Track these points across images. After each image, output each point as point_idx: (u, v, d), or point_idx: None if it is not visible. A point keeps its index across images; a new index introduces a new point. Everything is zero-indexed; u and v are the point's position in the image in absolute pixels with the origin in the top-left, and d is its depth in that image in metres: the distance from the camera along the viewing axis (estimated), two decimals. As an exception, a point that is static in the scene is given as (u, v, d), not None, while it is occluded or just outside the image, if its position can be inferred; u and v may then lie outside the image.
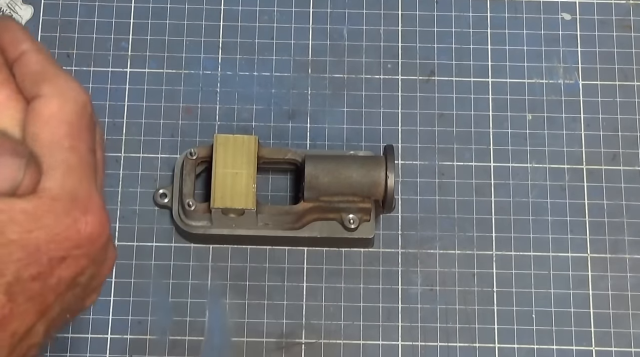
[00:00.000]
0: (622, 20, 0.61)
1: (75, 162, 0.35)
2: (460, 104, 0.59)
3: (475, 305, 0.55)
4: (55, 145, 0.35)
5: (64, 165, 0.35)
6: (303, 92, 0.59)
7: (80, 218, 0.34)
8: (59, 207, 0.34)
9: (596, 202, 0.57)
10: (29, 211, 0.34)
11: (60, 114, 0.35)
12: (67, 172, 0.35)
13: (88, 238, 0.35)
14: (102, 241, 0.35)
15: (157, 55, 0.60)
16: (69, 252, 0.34)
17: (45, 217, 0.34)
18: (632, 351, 0.55)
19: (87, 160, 0.36)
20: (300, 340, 0.55)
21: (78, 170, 0.35)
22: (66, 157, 0.35)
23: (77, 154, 0.35)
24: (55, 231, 0.34)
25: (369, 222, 0.55)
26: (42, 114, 0.35)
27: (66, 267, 0.34)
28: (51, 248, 0.34)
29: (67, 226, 0.34)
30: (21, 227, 0.34)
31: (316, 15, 0.61)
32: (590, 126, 0.59)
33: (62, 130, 0.35)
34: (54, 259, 0.34)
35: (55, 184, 0.34)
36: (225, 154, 0.54)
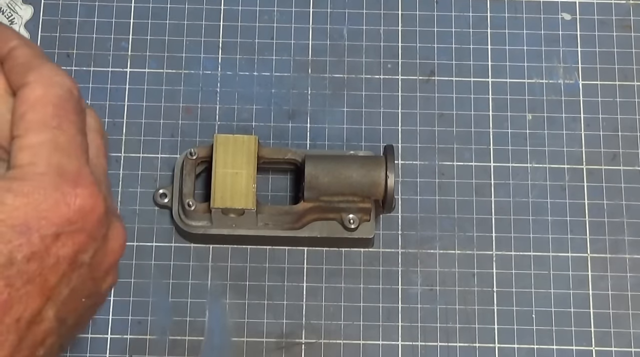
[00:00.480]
0: (622, 20, 0.61)
1: (63, 141, 0.35)
2: (460, 104, 0.59)
3: (475, 305, 0.55)
4: (41, 124, 0.35)
5: (51, 143, 0.35)
6: (303, 92, 0.59)
7: (69, 192, 0.34)
8: (46, 181, 0.34)
9: (596, 202, 0.57)
10: (14, 188, 0.33)
11: (46, 97, 0.35)
12: (54, 149, 0.35)
13: (79, 211, 0.34)
14: (96, 214, 0.35)
15: (157, 55, 0.60)
16: (62, 228, 0.34)
17: (32, 194, 0.33)
18: (632, 351, 0.55)
19: (75, 139, 0.35)
20: (300, 340, 0.55)
21: (66, 148, 0.35)
22: (53, 135, 0.35)
23: (64, 133, 0.35)
24: (44, 207, 0.33)
25: (369, 222, 0.55)
26: (28, 99, 0.35)
27: (62, 244, 0.34)
28: (42, 225, 0.33)
29: (56, 200, 0.34)
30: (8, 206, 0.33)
31: (316, 15, 0.61)
32: (590, 126, 0.59)
33: (49, 111, 0.35)
34: (46, 236, 0.33)
35: (42, 160, 0.34)
36: (225, 154, 0.54)
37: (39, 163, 0.34)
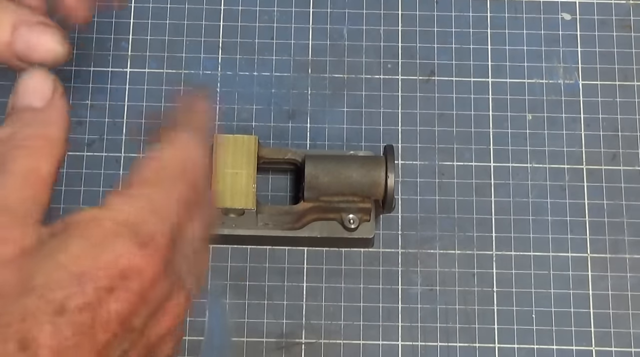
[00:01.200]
0: (622, 20, 0.61)
1: (158, 204, 0.35)
2: (460, 104, 0.59)
3: (475, 305, 0.55)
4: (149, 182, 0.35)
5: (144, 201, 0.34)
6: (303, 92, 0.59)
7: (134, 251, 0.33)
8: (118, 234, 0.33)
9: (596, 202, 0.57)
10: (85, 234, 0.33)
11: (169, 160, 0.36)
12: (143, 207, 0.34)
13: (137, 272, 0.33)
14: (152, 278, 0.33)
15: (157, 55, 0.60)
16: (116, 283, 0.32)
17: (99, 244, 0.33)
18: (632, 351, 0.55)
19: (169, 208, 0.35)
20: (300, 340, 0.55)
21: (155, 210, 0.34)
22: (152, 194, 0.35)
23: (163, 197, 0.35)
24: (104, 258, 0.33)
25: (369, 222, 0.55)
26: (153, 157, 0.36)
27: (115, 299, 0.32)
28: (99, 276, 0.32)
29: (119, 255, 0.33)
30: (72, 252, 0.33)
31: (316, 15, 0.61)
32: (590, 126, 0.59)
33: (163, 173, 0.35)
34: (100, 289, 0.32)
35: (127, 212, 0.34)
36: (225, 154, 0.53)
37: (122, 214, 0.34)
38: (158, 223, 0.34)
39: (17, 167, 0.34)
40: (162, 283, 0.34)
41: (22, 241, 0.33)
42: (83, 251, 0.33)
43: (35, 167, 0.35)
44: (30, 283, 0.32)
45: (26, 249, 0.33)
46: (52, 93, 0.36)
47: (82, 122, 0.58)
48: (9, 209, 0.34)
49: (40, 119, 0.36)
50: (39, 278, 0.32)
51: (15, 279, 0.32)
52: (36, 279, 0.32)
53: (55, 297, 0.32)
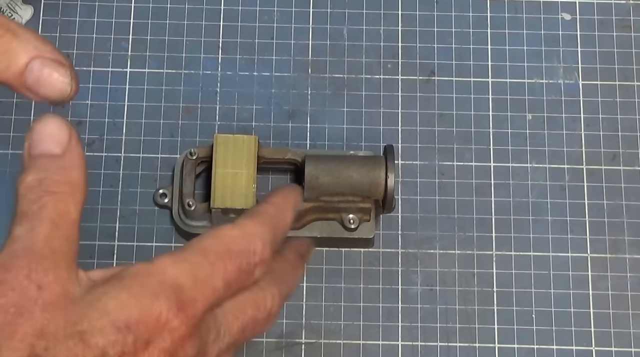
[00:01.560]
0: (622, 20, 0.61)
1: (203, 274, 0.36)
2: (460, 104, 0.59)
3: (475, 305, 0.55)
4: (204, 251, 0.37)
5: (192, 266, 0.36)
6: (303, 92, 0.59)
7: (173, 310, 0.34)
8: (161, 291, 0.34)
9: (596, 202, 0.57)
10: (131, 289, 0.34)
11: (228, 243, 0.38)
12: (189, 272, 0.35)
13: (172, 331, 0.34)
14: (183, 337, 0.35)
15: (157, 55, 0.60)
16: (153, 338, 0.34)
17: (143, 298, 0.34)
18: (632, 351, 0.55)
19: (213, 282, 0.36)
20: (300, 340, 0.55)
21: (200, 279, 0.36)
22: (199, 262, 0.36)
23: (208, 270, 0.36)
24: (146, 313, 0.34)
25: (369, 222, 0.55)
26: (217, 235, 0.38)
27: (149, 353, 0.34)
28: (139, 329, 0.33)
29: (160, 312, 0.34)
30: (118, 303, 0.34)
31: (316, 15, 0.61)
32: (590, 126, 0.59)
33: (218, 249, 0.37)
34: (139, 340, 0.33)
35: (173, 272, 0.35)
36: (225, 154, 0.54)
37: (169, 272, 0.35)
38: (198, 291, 0.35)
39: (50, 214, 0.35)
40: (191, 347, 0.35)
41: (67, 284, 0.34)
42: (128, 302, 0.34)
43: (65, 211, 0.35)
44: (75, 327, 0.33)
45: (71, 293, 0.34)
46: (69, 138, 0.37)
47: (82, 122, 0.58)
48: (53, 252, 0.34)
49: (62, 165, 0.37)
50: (85, 323, 0.33)
51: (61, 320, 0.33)
52: (82, 324, 0.33)
53: (98, 343, 0.32)
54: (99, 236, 0.56)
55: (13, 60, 0.37)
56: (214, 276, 0.36)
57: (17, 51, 0.37)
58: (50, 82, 0.38)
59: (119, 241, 0.56)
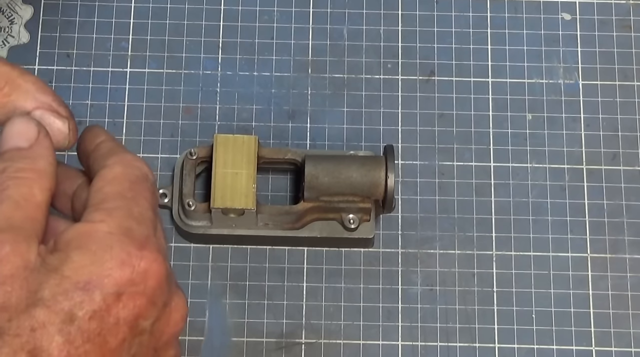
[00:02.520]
0: (622, 20, 0.61)
1: (136, 211, 0.36)
2: (460, 104, 0.59)
3: (475, 305, 0.55)
4: (117, 195, 0.36)
5: (124, 210, 0.36)
6: (303, 92, 0.59)
7: (135, 253, 0.34)
8: (114, 240, 0.34)
9: (596, 202, 0.57)
10: (82, 245, 0.34)
11: (124, 175, 0.37)
12: (126, 215, 0.36)
13: (142, 274, 0.34)
14: (158, 279, 0.35)
15: (157, 55, 0.60)
16: (124, 289, 0.34)
17: (98, 252, 0.34)
18: (632, 351, 0.55)
19: (147, 213, 0.37)
20: (300, 340, 0.55)
21: (137, 217, 0.36)
22: (127, 204, 0.36)
23: (137, 205, 0.36)
24: (108, 265, 0.34)
25: (369, 222, 0.55)
26: (106, 176, 0.37)
27: (123, 305, 0.34)
28: (105, 284, 0.33)
29: (122, 260, 0.34)
30: (74, 263, 0.34)
31: (316, 15, 0.61)
32: (590, 126, 0.59)
33: (125, 185, 0.37)
34: (108, 295, 0.33)
35: (114, 221, 0.35)
36: (225, 154, 0.54)
37: (110, 223, 0.35)
38: (145, 227, 0.36)
39: (13, 194, 0.36)
40: (166, 283, 0.35)
41: (26, 256, 0.34)
42: (85, 261, 0.34)
43: (30, 194, 0.36)
44: (37, 295, 0.33)
45: (30, 264, 0.34)
46: (37, 134, 0.38)
47: (82, 122, 0.58)
48: (13, 227, 0.35)
49: (28, 155, 0.37)
50: (45, 291, 0.33)
51: (22, 292, 0.33)
52: (43, 292, 0.33)
53: (63, 308, 0.33)
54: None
55: (10, 112, 0.38)
56: (143, 206, 0.37)
57: (15, 104, 0.38)
58: (49, 132, 0.38)
59: (119, 241, 0.56)
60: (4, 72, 0.38)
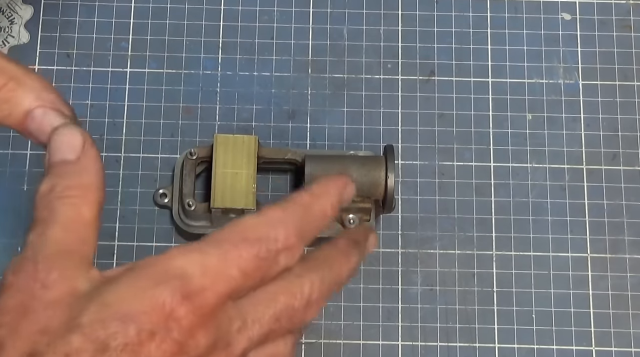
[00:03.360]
0: (622, 20, 0.61)
1: (214, 262, 0.35)
2: (460, 104, 0.59)
3: (475, 305, 0.55)
4: (217, 241, 0.36)
5: (200, 254, 0.35)
6: (303, 92, 0.59)
7: (179, 300, 0.34)
8: (164, 280, 0.34)
9: (596, 202, 0.57)
10: (131, 280, 0.34)
11: (247, 228, 0.37)
12: (200, 259, 0.35)
13: (179, 320, 0.33)
14: (196, 330, 0.34)
15: (157, 55, 0.60)
16: (158, 328, 0.33)
17: (145, 288, 0.34)
18: (632, 351, 0.55)
19: (229, 272, 0.36)
20: (300, 340, 0.55)
21: (212, 268, 0.35)
22: (210, 251, 0.36)
23: (222, 260, 0.36)
24: (148, 303, 0.33)
25: (369, 222, 0.55)
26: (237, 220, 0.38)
27: (156, 346, 0.33)
28: (142, 320, 0.33)
29: (164, 301, 0.33)
30: (119, 295, 0.33)
31: (316, 15, 0.61)
32: (590, 126, 0.59)
33: (235, 236, 0.37)
34: (142, 331, 0.33)
35: (181, 261, 0.35)
36: (225, 154, 0.54)
37: (174, 262, 0.35)
38: (209, 278, 0.35)
39: (62, 216, 0.36)
40: (203, 337, 0.34)
41: (73, 283, 0.34)
42: (129, 293, 0.34)
43: (78, 213, 0.36)
44: (75, 321, 0.33)
45: (77, 290, 0.34)
46: (82, 144, 0.38)
47: (82, 122, 0.58)
48: (61, 252, 0.35)
49: (75, 170, 0.38)
50: (85, 317, 0.33)
51: (63, 317, 0.33)
52: (83, 318, 0.33)
53: (99, 336, 0.32)
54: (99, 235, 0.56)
55: (15, 108, 0.38)
56: (228, 265, 0.36)
57: (19, 100, 0.38)
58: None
59: (119, 241, 0.56)
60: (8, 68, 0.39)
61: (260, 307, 0.37)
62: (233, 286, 0.36)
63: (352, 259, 0.43)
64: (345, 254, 0.42)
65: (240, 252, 0.36)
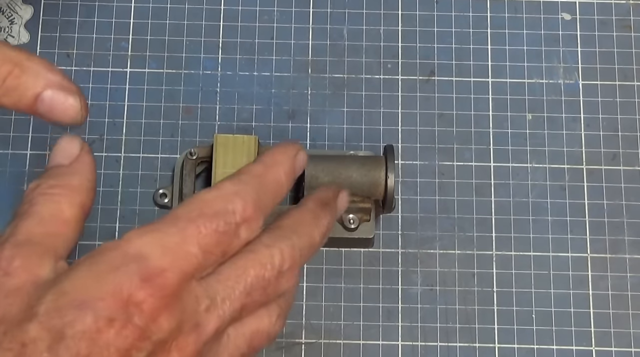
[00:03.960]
0: (622, 20, 0.61)
1: (173, 241, 0.35)
2: (460, 104, 0.59)
3: (475, 305, 0.55)
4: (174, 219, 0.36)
5: (157, 234, 0.35)
6: (303, 92, 0.59)
7: (138, 284, 0.33)
8: (123, 264, 0.33)
9: (596, 202, 0.57)
10: (92, 266, 0.34)
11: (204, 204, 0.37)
12: (157, 239, 0.35)
13: (138, 305, 0.33)
14: (157, 315, 0.33)
15: (157, 55, 0.60)
16: (116, 315, 0.32)
17: (103, 274, 0.33)
18: (632, 351, 0.55)
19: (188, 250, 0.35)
20: (300, 340, 0.55)
21: (170, 248, 0.35)
22: (167, 230, 0.35)
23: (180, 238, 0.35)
24: (106, 289, 0.33)
25: (369, 222, 0.55)
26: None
27: (115, 333, 0.32)
28: (99, 306, 0.32)
29: (121, 286, 0.33)
30: (76, 281, 0.33)
31: (316, 15, 0.61)
32: (590, 126, 0.59)
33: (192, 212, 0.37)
34: (100, 318, 0.32)
35: (137, 243, 0.34)
36: (225, 154, 0.54)
37: (132, 245, 0.34)
38: (168, 258, 0.34)
39: (40, 210, 0.36)
40: (166, 320, 0.34)
41: (36, 271, 0.34)
42: (87, 280, 0.33)
43: (57, 209, 0.36)
44: (34, 309, 0.32)
45: (39, 279, 0.34)
46: (79, 151, 0.39)
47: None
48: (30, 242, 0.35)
49: (65, 172, 0.38)
50: (42, 305, 0.33)
51: (22, 305, 0.33)
52: (40, 306, 0.33)
53: (55, 325, 0.32)
54: (99, 236, 0.56)
55: (23, 94, 0.39)
56: (186, 242, 0.35)
57: (26, 85, 0.39)
58: (62, 110, 0.39)
59: (119, 241, 0.56)
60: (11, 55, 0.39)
61: (229, 282, 0.36)
62: (195, 263, 0.35)
63: (322, 221, 0.42)
64: (315, 216, 0.42)
65: (199, 228, 0.36)
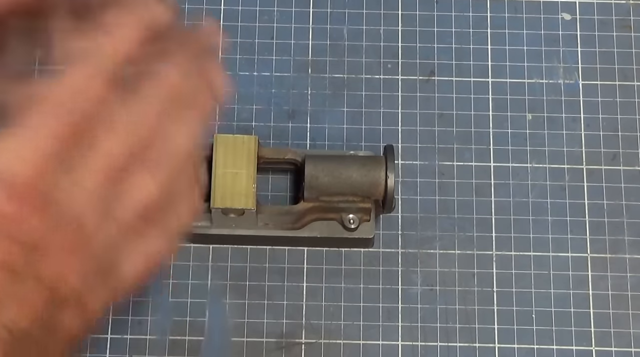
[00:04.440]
0: (622, 20, 0.61)
1: (45, 145, 0.33)
2: (460, 104, 0.59)
3: (475, 305, 0.55)
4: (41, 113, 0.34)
5: (31, 136, 0.33)
6: (303, 92, 0.59)
7: (3, 197, 0.31)
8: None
9: (596, 202, 0.57)
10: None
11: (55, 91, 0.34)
12: (29, 144, 0.33)
13: (5, 216, 0.31)
14: (27, 218, 0.32)
15: (157, 55, 0.59)
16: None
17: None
18: (632, 351, 0.55)
19: (38, 144, 0.33)
20: (300, 340, 0.55)
21: (42, 151, 0.33)
22: (39, 131, 0.33)
23: (31, 133, 0.33)
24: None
25: (369, 222, 0.55)
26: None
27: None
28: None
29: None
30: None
31: (316, 15, 0.61)
32: (590, 126, 0.59)
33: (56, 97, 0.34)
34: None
35: (14, 144, 0.32)
36: (225, 154, 0.54)
37: (11, 142, 0.32)
38: (29, 164, 0.32)
39: None
40: (39, 221, 0.32)
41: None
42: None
43: None
44: None
45: None
46: None
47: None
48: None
49: None
50: None
51: None
52: None
53: None
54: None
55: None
56: (41, 140, 0.33)
57: None
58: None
59: (119, 241, 0.56)
60: None
61: (90, 161, 0.34)
62: (54, 159, 0.33)
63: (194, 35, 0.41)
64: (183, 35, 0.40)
65: (49, 122, 0.33)
